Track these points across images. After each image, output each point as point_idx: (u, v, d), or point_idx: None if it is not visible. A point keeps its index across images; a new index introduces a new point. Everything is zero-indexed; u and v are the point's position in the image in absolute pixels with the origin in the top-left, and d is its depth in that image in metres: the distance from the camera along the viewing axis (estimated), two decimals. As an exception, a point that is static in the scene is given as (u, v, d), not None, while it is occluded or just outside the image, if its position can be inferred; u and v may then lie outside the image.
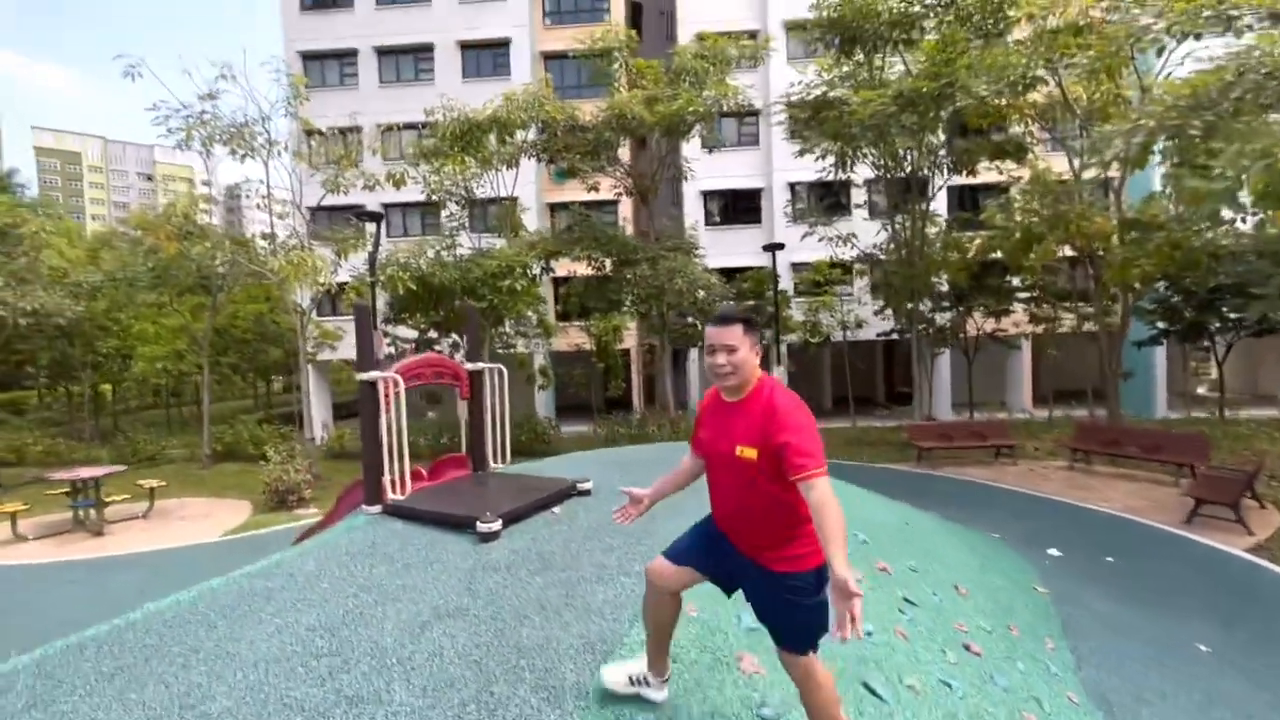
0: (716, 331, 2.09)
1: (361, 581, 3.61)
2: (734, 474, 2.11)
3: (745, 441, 2.04)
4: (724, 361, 2.09)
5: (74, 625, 5.94)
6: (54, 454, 15.47)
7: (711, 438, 2.21)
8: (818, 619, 2.09)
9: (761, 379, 2.14)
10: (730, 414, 2.15)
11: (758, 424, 2.03)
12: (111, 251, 19.49)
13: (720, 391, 2.21)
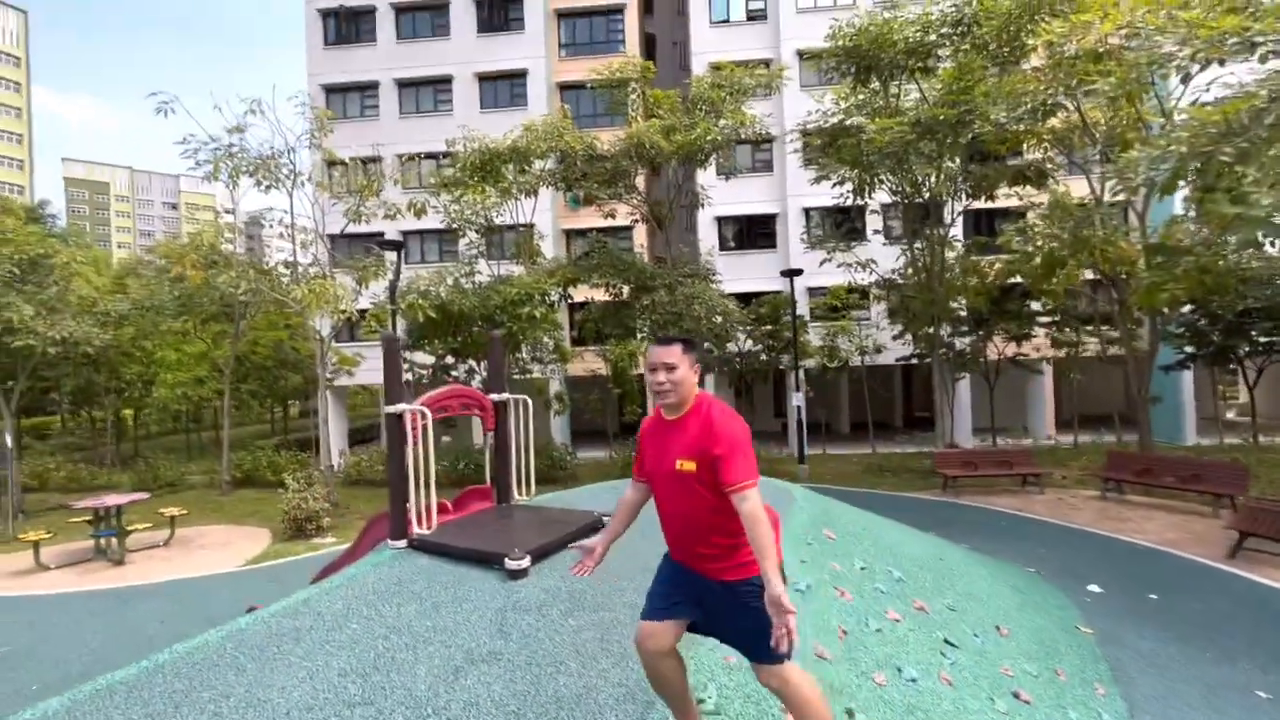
0: (658, 351, 2.21)
1: (391, 622, 3.54)
2: (676, 488, 2.17)
3: (684, 455, 2.13)
4: (664, 379, 2.18)
5: (97, 658, 5.93)
6: (76, 480, 15.62)
7: (654, 457, 2.29)
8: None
9: (699, 396, 2.24)
10: (670, 431, 2.24)
11: (695, 438, 2.13)
12: (137, 279, 19.91)
13: (661, 410, 2.29)
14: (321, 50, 24.60)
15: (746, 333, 15.28)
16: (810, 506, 5.80)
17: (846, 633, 3.72)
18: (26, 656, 6.02)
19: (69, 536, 10.08)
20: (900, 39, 11.31)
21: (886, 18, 11.61)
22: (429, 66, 23.96)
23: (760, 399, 24.62)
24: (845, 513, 6.11)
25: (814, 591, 4.08)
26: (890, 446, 18.41)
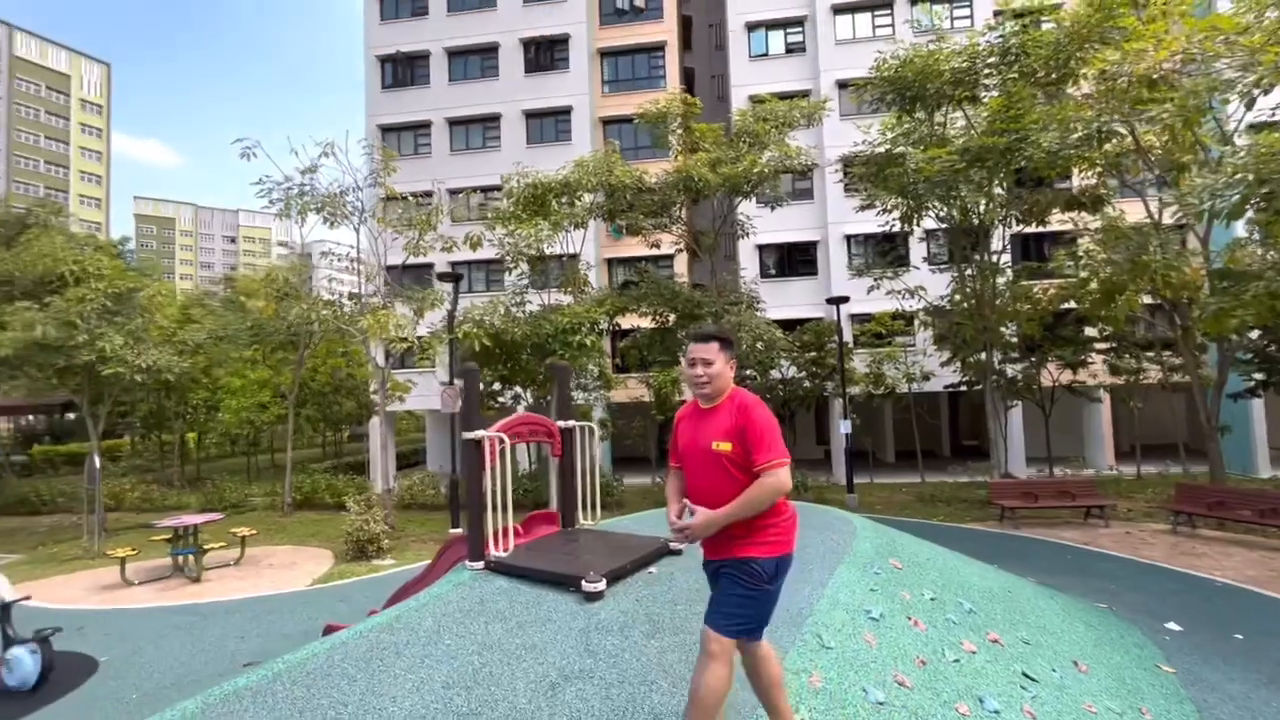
0: (698, 348, 2.46)
1: (481, 639, 3.72)
2: (711, 467, 2.39)
3: (721, 437, 2.37)
4: (702, 373, 2.44)
5: (186, 670, 6.26)
6: (149, 500, 16.45)
7: (689, 440, 2.52)
8: (756, 608, 2.38)
9: (733, 390, 2.49)
10: (706, 418, 2.48)
11: (732, 424, 2.37)
12: (202, 309, 21.12)
13: (698, 400, 2.54)
14: (380, 92, 26.04)
15: (790, 360, 15.28)
16: (874, 536, 5.80)
17: (925, 663, 3.74)
18: (123, 666, 6.40)
19: (149, 554, 10.64)
20: (946, 69, 11.44)
21: (931, 49, 11.77)
22: (479, 106, 25.09)
23: (802, 426, 24.39)
24: (909, 543, 6.08)
25: (887, 620, 4.11)
26: (939, 476, 17.98)
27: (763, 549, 2.34)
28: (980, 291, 13.58)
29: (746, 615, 2.36)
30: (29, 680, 5.80)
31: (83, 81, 79.22)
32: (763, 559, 2.34)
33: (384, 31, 26.26)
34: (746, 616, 2.37)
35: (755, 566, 2.32)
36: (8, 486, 18.16)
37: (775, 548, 2.36)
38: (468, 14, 25.58)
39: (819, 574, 4.68)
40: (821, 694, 3.05)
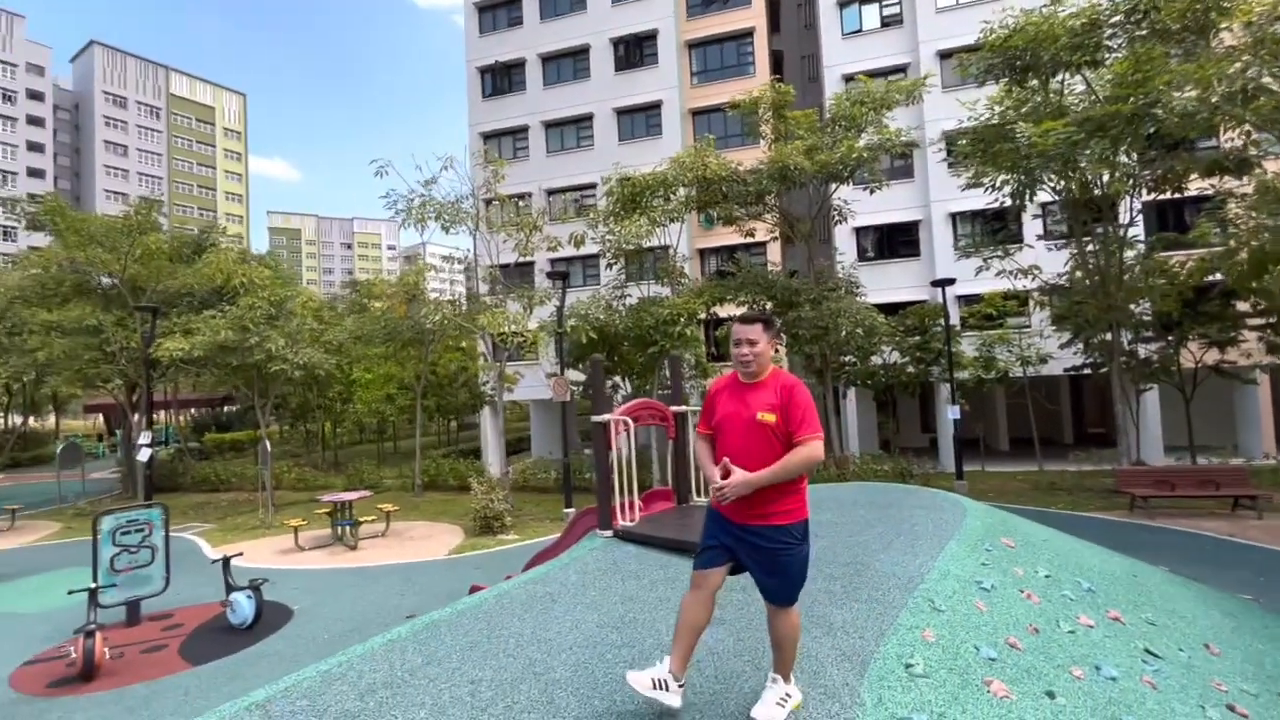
0: (744, 329, 2.68)
1: (620, 593, 4.30)
2: (753, 435, 2.60)
3: (765, 409, 2.58)
4: (747, 351, 2.66)
5: (364, 618, 7.37)
6: (303, 480, 18.78)
7: (730, 411, 2.69)
8: (803, 569, 2.69)
9: (774, 369, 2.73)
10: (748, 392, 2.68)
11: (776, 398, 2.59)
12: (330, 312, 23.56)
13: (739, 376, 2.75)
14: (480, 102, 27.70)
15: (893, 345, 14.96)
16: (985, 516, 5.87)
17: (1038, 630, 3.90)
18: (312, 614, 7.65)
19: (313, 525, 12.29)
20: (1063, 34, 10.76)
21: (1046, 12, 11.09)
22: (572, 107, 26.09)
23: (906, 413, 23.60)
24: (1023, 524, 6.08)
25: (999, 591, 4.27)
26: (1059, 464, 16.90)
27: (791, 517, 2.63)
28: (1105, 267, 12.68)
29: (795, 576, 2.68)
30: (247, 619, 7.10)
31: (224, 112, 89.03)
32: (793, 524, 2.63)
33: (483, 44, 27.85)
34: (796, 578, 2.69)
35: (793, 531, 2.63)
36: (191, 468, 21.30)
37: (801, 513, 2.66)
38: (560, 19, 26.59)
39: (928, 548, 4.88)
40: (934, 646, 3.34)
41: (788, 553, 2.62)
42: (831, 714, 2.66)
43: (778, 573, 2.64)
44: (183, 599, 8.33)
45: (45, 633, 7.51)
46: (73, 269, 16.05)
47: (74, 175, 76.42)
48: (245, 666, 6.22)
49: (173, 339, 13.49)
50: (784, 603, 2.66)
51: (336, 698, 3.05)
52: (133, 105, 77.73)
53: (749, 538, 2.64)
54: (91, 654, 5.99)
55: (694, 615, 2.70)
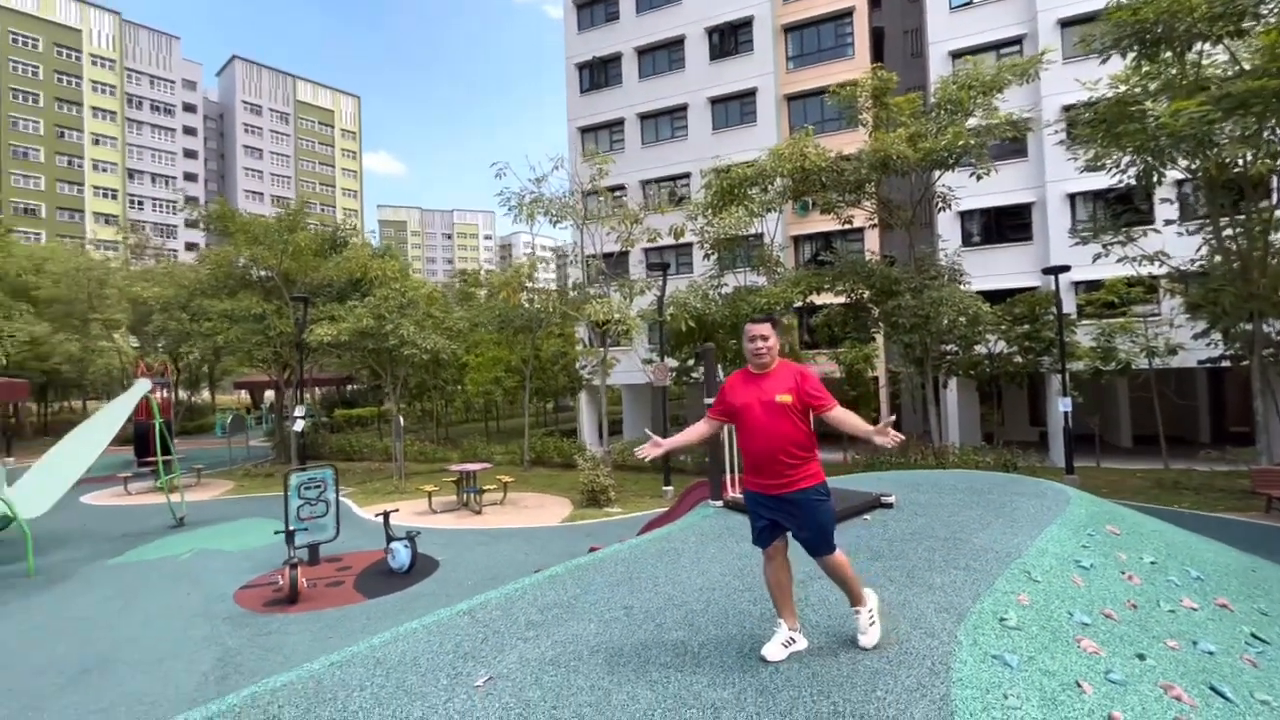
0: (757, 327, 3.17)
1: (736, 551, 4.93)
2: (774, 415, 3.06)
3: (782, 392, 3.07)
4: (761, 346, 3.15)
5: (497, 570, 8.45)
6: (424, 454, 20.79)
7: (748, 399, 3.14)
8: (832, 520, 3.18)
9: (780, 359, 3.23)
10: (763, 380, 3.16)
11: (790, 382, 3.10)
12: (439, 299, 25.58)
13: (751, 367, 3.23)
14: (579, 97, 28.78)
15: (999, 334, 14.49)
16: (1090, 505, 5.99)
17: (1136, 606, 4.14)
18: (455, 565, 8.86)
19: (440, 492, 13.79)
20: (1201, 2, 10.01)
21: (1181, -20, 10.32)
22: (667, 98, 26.58)
23: (1012, 405, 22.55)
24: (1131, 515, 6.13)
25: (1098, 570, 4.51)
26: (1192, 464, 15.70)
27: (814, 479, 3.12)
28: (1246, 251, 11.71)
29: (829, 526, 3.17)
30: (404, 565, 8.38)
31: (341, 114, 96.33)
32: (818, 484, 3.13)
33: (581, 40, 28.85)
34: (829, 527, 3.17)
35: (819, 489, 3.15)
36: (328, 440, 24.04)
37: (820, 477, 3.18)
38: (655, 12, 27.07)
39: (1028, 529, 5.16)
40: (1029, 609, 3.72)
41: (820, 507, 3.11)
42: (931, 649, 3.16)
43: (813, 526, 3.10)
44: (346, 547, 9.82)
45: (248, 566, 9.19)
46: (241, 264, 18.60)
47: (219, 178, 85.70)
48: (409, 602, 7.43)
49: (322, 325, 15.44)
50: (826, 552, 3.14)
51: (522, 610, 3.90)
52: (266, 112, 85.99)
53: (786, 505, 3.12)
54: (295, 583, 7.41)
55: (777, 579, 3.24)
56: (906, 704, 2.64)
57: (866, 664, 3.01)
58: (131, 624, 7.06)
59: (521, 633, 3.58)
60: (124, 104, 69.72)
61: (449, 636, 3.56)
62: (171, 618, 7.22)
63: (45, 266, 28.35)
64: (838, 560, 3.17)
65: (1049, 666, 3.04)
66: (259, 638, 6.52)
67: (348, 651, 3.39)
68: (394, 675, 3.14)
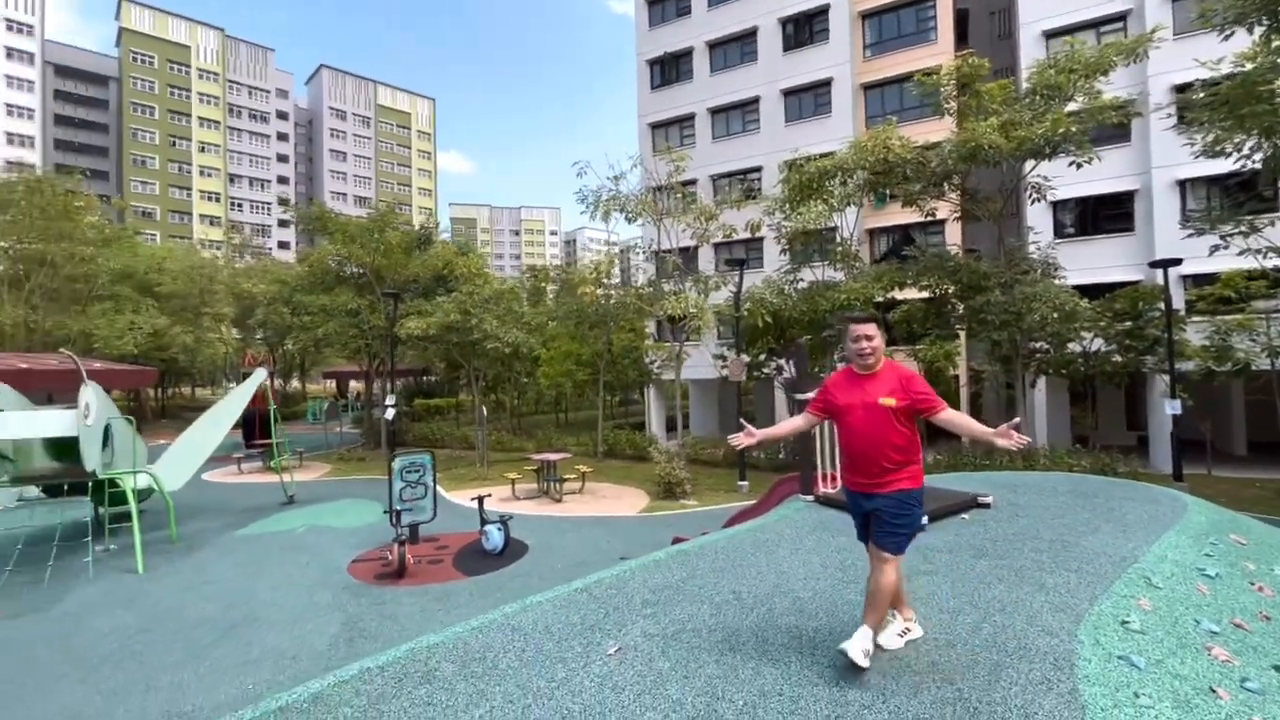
0: (862, 328, 3.13)
1: (834, 545, 5.02)
2: (876, 417, 3.03)
3: (886, 395, 3.04)
4: (867, 346, 3.12)
5: (584, 555, 8.81)
6: (500, 443, 21.65)
7: (850, 400, 3.12)
8: (916, 524, 3.12)
9: (886, 360, 3.20)
10: (865, 381, 3.13)
11: (895, 385, 3.06)
12: (512, 296, 26.44)
13: (855, 368, 3.20)
14: (649, 93, 28.96)
15: (1096, 331, 13.69)
16: (1211, 513, 5.71)
17: (1269, 619, 3.96)
18: (544, 549, 9.30)
19: (521, 480, 14.39)
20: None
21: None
22: (738, 92, 26.38)
23: (1108, 406, 21.21)
24: (1259, 526, 5.78)
25: (1224, 580, 4.32)
26: (1318, 474, 14.35)
27: (915, 483, 3.09)
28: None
29: (909, 533, 3.12)
30: (498, 546, 8.88)
31: (417, 116, 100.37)
32: (916, 489, 3.10)
33: (652, 37, 29.00)
34: (909, 535, 3.13)
35: (916, 495, 3.09)
36: (410, 428, 25.40)
37: (920, 480, 3.12)
38: (727, 5, 26.87)
39: (1142, 535, 4.99)
40: (1151, 614, 3.64)
41: (909, 512, 3.07)
42: (1051, 646, 3.18)
43: (893, 525, 3.05)
44: (440, 528, 10.46)
45: (355, 542, 9.95)
46: (337, 262, 19.93)
47: (308, 180, 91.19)
48: (506, 581, 7.89)
49: (412, 320, 16.36)
50: (893, 550, 3.05)
51: (635, 590, 4.15)
52: (350, 117, 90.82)
53: (876, 503, 3.09)
54: (403, 558, 8.01)
55: None
56: (1034, 695, 2.71)
57: (986, 657, 3.07)
58: (264, 589, 7.84)
59: (639, 610, 3.83)
60: (226, 113, 75.32)
61: (573, 610, 3.85)
62: (297, 585, 7.96)
63: (165, 265, 31.21)
64: (891, 572, 3.04)
65: (1179, 670, 3.01)
66: (375, 606, 7.12)
67: (485, 618, 3.74)
68: (531, 641, 3.45)
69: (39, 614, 7.08)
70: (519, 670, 3.12)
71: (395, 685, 2.99)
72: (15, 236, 22.18)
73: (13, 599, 7.52)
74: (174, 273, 30.17)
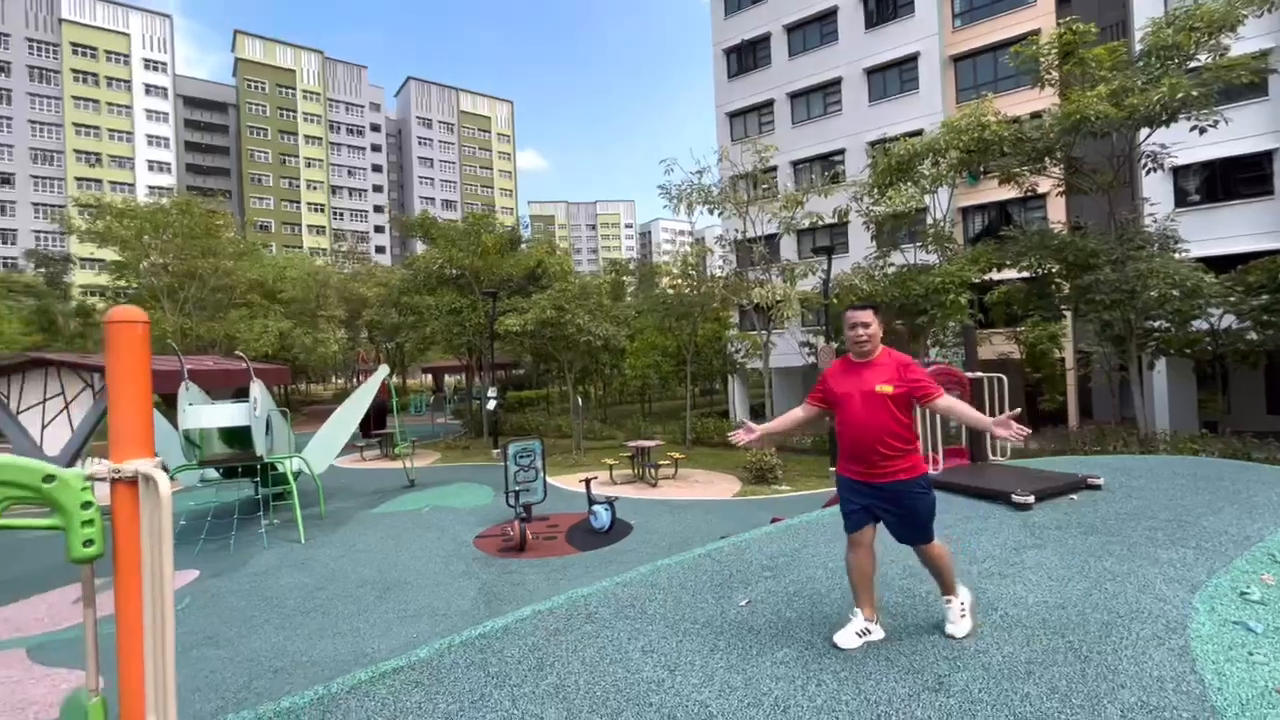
0: (858, 314, 3.10)
1: (941, 522, 5.22)
2: (873, 405, 3.02)
3: (883, 382, 3.02)
4: (863, 334, 3.10)
5: (685, 536, 9.33)
6: (590, 431, 22.62)
7: (847, 388, 3.11)
8: (932, 511, 3.09)
9: (884, 348, 3.17)
10: (864, 369, 3.11)
11: (891, 372, 3.04)
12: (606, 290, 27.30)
13: (853, 355, 3.18)
14: (726, 82, 28.95)
15: (1227, 307, 12.68)
16: (1351, 495, 5.46)
17: None
18: (646, 529, 9.96)
19: (618, 466, 15.14)
20: None
21: None
22: (818, 74, 25.90)
23: (1243, 389, 19.40)
24: (1407, 508, 5.46)
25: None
26: None
27: (915, 471, 3.05)
28: None
29: (930, 516, 3.08)
30: (605, 525, 9.59)
31: (497, 119, 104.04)
32: (919, 476, 3.06)
33: (728, 25, 28.92)
34: (930, 518, 3.09)
35: (919, 482, 3.08)
36: (506, 419, 26.95)
37: (922, 468, 3.11)
38: (805, -15, 26.39)
39: (1270, 517, 4.91)
40: (1274, 589, 3.71)
41: (920, 500, 3.05)
42: (1163, 611, 3.37)
43: (912, 517, 3.05)
44: (548, 509, 11.30)
45: (474, 520, 10.98)
46: (438, 265, 21.50)
47: (399, 187, 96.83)
48: (616, 555, 8.56)
49: (510, 317, 17.47)
50: (924, 542, 3.10)
51: (753, 557, 4.62)
52: (435, 125, 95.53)
53: (883, 495, 3.06)
54: (524, 534, 8.86)
55: (860, 567, 3.20)
56: (1144, 649, 2.95)
57: (1096, 616, 3.32)
58: (406, 558, 8.91)
59: (759, 574, 4.29)
60: (327, 130, 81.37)
61: (700, 571, 4.37)
62: (433, 556, 8.99)
63: (286, 274, 34.51)
64: (937, 551, 3.12)
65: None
66: (503, 575, 7.97)
67: (625, 576, 4.33)
68: (670, 594, 3.99)
69: (234, 573, 8.44)
70: (666, 614, 3.67)
71: (565, 623, 3.62)
72: (172, 254, 25.35)
73: (211, 562, 8.98)
74: (293, 280, 33.32)
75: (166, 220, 24.72)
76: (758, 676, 2.91)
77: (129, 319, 2.44)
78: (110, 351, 2.42)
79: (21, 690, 5.36)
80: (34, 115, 61.83)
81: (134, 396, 2.44)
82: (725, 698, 2.75)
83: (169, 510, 2.27)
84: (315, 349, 33.02)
